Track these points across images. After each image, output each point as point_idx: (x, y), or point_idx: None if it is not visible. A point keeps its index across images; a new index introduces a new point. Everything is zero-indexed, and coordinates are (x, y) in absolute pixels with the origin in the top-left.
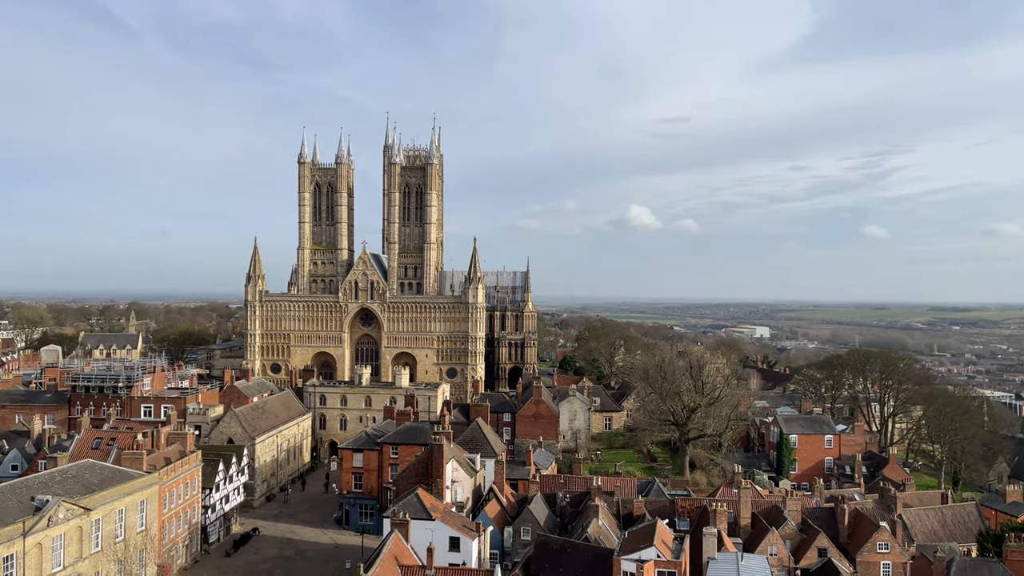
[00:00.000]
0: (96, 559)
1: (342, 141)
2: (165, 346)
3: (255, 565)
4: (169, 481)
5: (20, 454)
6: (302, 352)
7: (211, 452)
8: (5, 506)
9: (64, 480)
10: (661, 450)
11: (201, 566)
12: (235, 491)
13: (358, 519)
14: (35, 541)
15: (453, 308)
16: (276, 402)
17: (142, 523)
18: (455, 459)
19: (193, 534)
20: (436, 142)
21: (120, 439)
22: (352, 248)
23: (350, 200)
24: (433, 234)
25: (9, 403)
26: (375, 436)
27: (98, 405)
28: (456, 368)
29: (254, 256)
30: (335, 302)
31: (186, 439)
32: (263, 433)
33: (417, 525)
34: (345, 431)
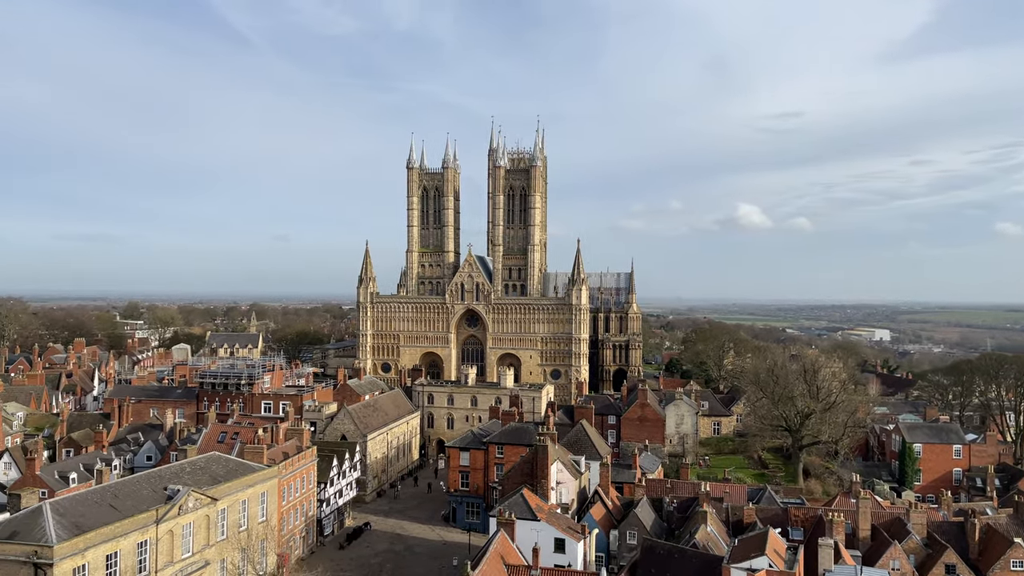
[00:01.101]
0: (221, 546)
1: (448, 146)
2: (283, 345)
3: (367, 558)
4: (287, 475)
5: (154, 446)
6: (411, 352)
7: (326, 448)
8: (140, 494)
9: (193, 471)
10: (773, 456)
11: (317, 557)
12: (348, 486)
13: (465, 517)
14: (167, 528)
15: (557, 309)
16: (386, 400)
17: (263, 514)
18: (560, 460)
19: (309, 526)
20: (540, 144)
21: (243, 433)
22: (458, 251)
23: (456, 204)
24: (537, 236)
25: (145, 398)
26: (481, 435)
27: (223, 401)
28: (560, 369)
29: (366, 259)
30: (442, 303)
31: (303, 435)
32: (374, 430)
33: (523, 525)
34: (452, 430)
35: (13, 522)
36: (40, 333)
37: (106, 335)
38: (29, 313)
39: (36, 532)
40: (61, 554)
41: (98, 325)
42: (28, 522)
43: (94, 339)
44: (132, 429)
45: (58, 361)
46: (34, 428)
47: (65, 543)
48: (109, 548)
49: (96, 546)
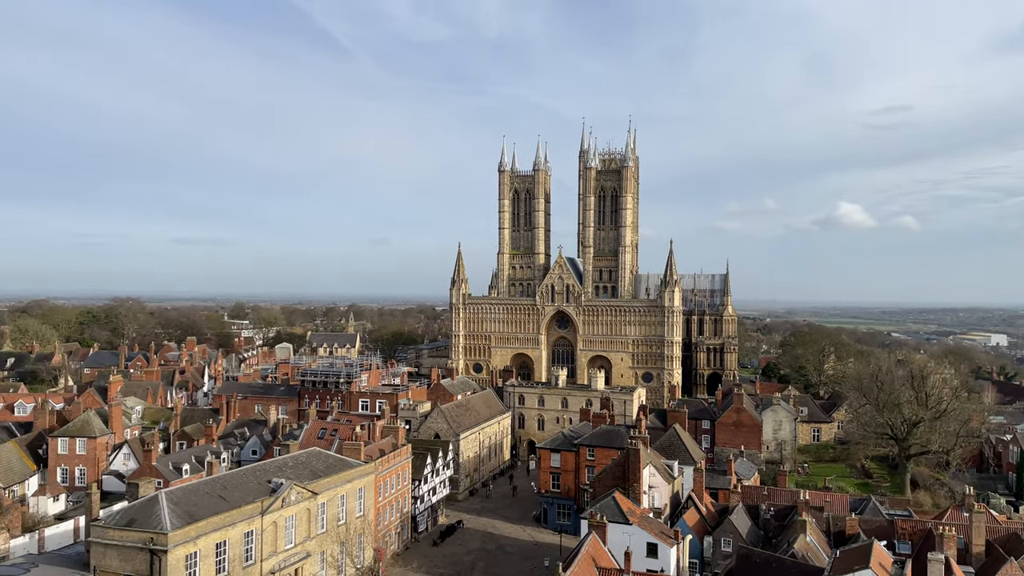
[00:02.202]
0: (321, 539)
1: (539, 148)
2: (379, 345)
3: (460, 556)
4: (384, 471)
5: (259, 440)
6: (502, 353)
7: (420, 446)
8: (247, 486)
9: (295, 466)
10: (877, 466)
11: (411, 553)
12: (441, 484)
13: (556, 518)
14: (271, 520)
15: (649, 312)
16: (478, 400)
17: (360, 509)
18: (652, 464)
19: (404, 523)
20: (631, 144)
21: (341, 430)
22: (548, 252)
23: (547, 206)
24: (628, 237)
25: (250, 395)
26: (572, 437)
27: (323, 398)
28: (652, 372)
29: (458, 261)
30: (532, 305)
31: (398, 432)
32: (466, 430)
33: (614, 528)
34: (543, 431)
35: (131, 510)
36: (156, 332)
37: (215, 334)
38: (146, 313)
39: (152, 520)
40: (175, 541)
41: (208, 325)
42: (145, 510)
43: (204, 338)
44: (239, 424)
45: (172, 358)
46: (151, 421)
47: (178, 531)
48: (219, 537)
49: (207, 534)
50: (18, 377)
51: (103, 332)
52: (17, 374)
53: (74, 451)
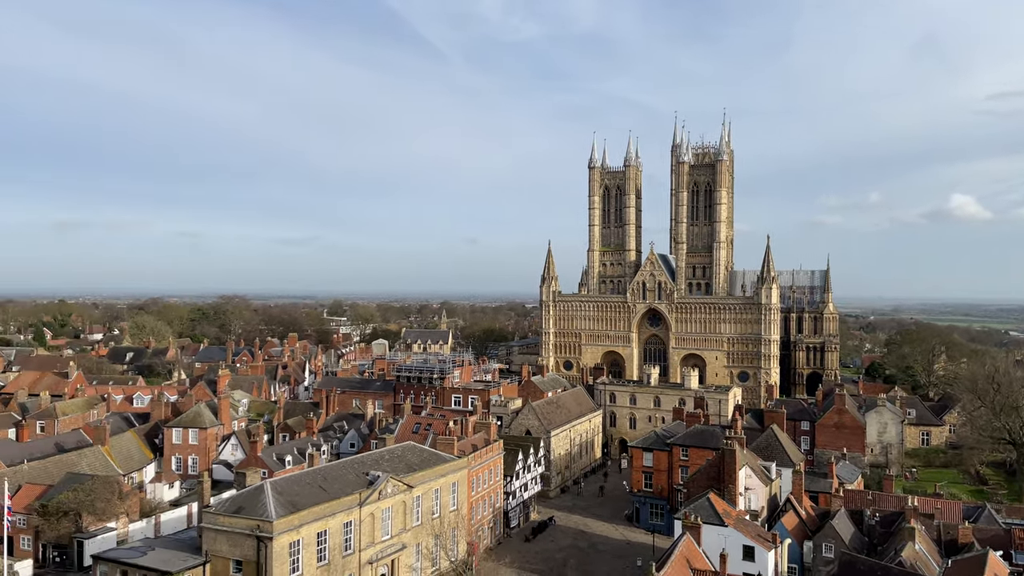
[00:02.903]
0: (417, 532)
1: (630, 144)
2: (471, 342)
3: (551, 553)
4: (476, 466)
5: (357, 434)
6: (592, 350)
7: (511, 442)
8: (346, 478)
9: (391, 459)
10: (993, 472)
11: (504, 548)
12: (533, 481)
13: (648, 518)
14: (369, 511)
15: (744, 309)
16: (569, 398)
17: (454, 503)
18: (748, 465)
19: (496, 518)
20: (726, 138)
21: (435, 425)
22: (639, 249)
23: (638, 202)
24: (722, 233)
25: (348, 389)
26: (665, 436)
27: (417, 393)
28: (748, 371)
29: (548, 259)
30: (623, 302)
31: (490, 428)
32: (557, 427)
33: (709, 530)
34: (634, 430)
35: (239, 498)
36: (260, 328)
37: (315, 330)
38: (251, 310)
39: (258, 508)
40: (279, 529)
41: (308, 321)
42: (252, 498)
43: (305, 334)
44: (338, 418)
45: (275, 354)
46: (256, 414)
47: (283, 519)
48: (320, 526)
49: (309, 524)
50: (136, 370)
51: (212, 328)
52: (136, 368)
53: (187, 441)
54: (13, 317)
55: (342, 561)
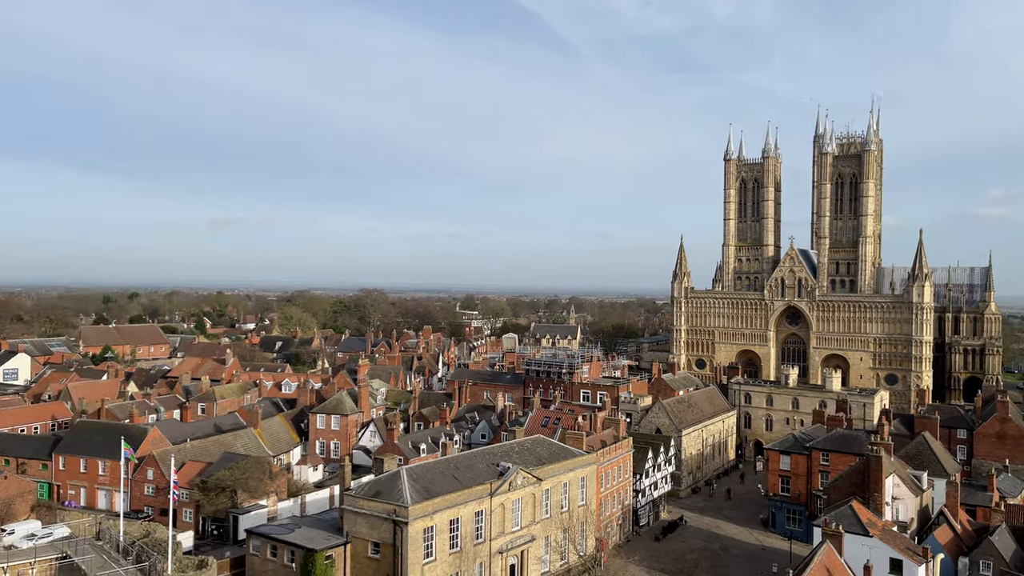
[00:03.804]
0: (546, 524)
1: (769, 135)
2: (600, 338)
3: (682, 553)
4: (605, 462)
5: (487, 425)
6: (726, 349)
7: (641, 440)
8: (477, 468)
9: (521, 451)
10: None
11: (632, 546)
12: (663, 480)
13: (785, 523)
14: (499, 501)
15: (893, 308)
16: (701, 397)
17: (583, 498)
18: (896, 474)
19: (625, 515)
20: (874, 127)
21: (564, 419)
22: (778, 244)
23: (776, 195)
24: (869, 227)
25: (480, 381)
26: (803, 440)
27: (546, 387)
28: (896, 374)
29: (680, 254)
30: (760, 299)
31: (619, 425)
32: (689, 426)
33: (852, 539)
34: (771, 431)
35: (377, 483)
36: (397, 321)
37: (448, 323)
38: (388, 303)
39: (395, 493)
40: (415, 514)
41: (442, 315)
42: (389, 484)
43: (438, 327)
44: (469, 409)
45: (411, 345)
46: (392, 403)
47: (418, 505)
48: (453, 514)
49: (442, 511)
50: (284, 359)
51: (352, 320)
52: (284, 356)
53: (329, 426)
54: (178, 307)
55: (473, 549)
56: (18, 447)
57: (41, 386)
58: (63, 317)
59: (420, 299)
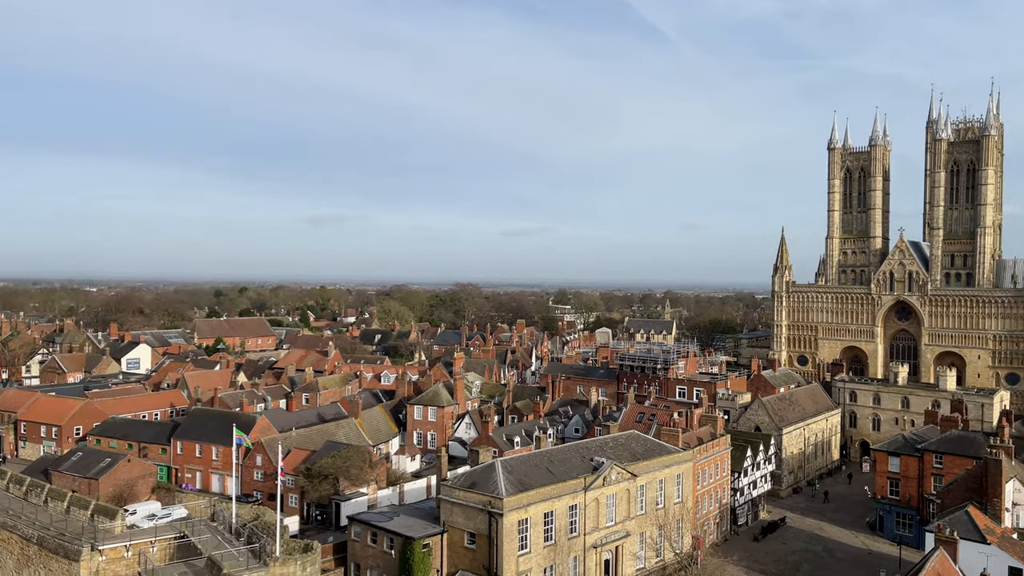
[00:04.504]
0: (640, 520)
1: (877, 121)
2: (696, 333)
3: (782, 555)
4: (702, 460)
5: (581, 420)
6: (830, 345)
7: (739, 437)
8: (571, 462)
9: (615, 447)
10: None
11: (730, 545)
12: (762, 479)
13: (894, 527)
14: (593, 496)
15: (1016, 303)
16: (803, 394)
17: (678, 495)
18: (1017, 478)
19: (723, 514)
20: (994, 110)
21: (659, 415)
22: (886, 236)
23: (884, 184)
24: (988, 217)
25: (573, 375)
26: (914, 441)
27: (640, 383)
28: (1018, 373)
29: (781, 247)
30: (866, 294)
31: (716, 422)
32: (790, 424)
33: (967, 546)
34: (878, 432)
35: (473, 474)
36: (491, 314)
37: (541, 318)
38: (482, 297)
39: (490, 485)
40: (509, 506)
41: (535, 309)
42: (484, 475)
43: (532, 321)
44: (563, 403)
45: (504, 339)
46: (487, 395)
47: (512, 497)
48: (547, 507)
49: (536, 504)
50: (383, 351)
51: (448, 313)
52: (382, 348)
53: (426, 417)
54: (283, 301)
55: (567, 543)
56: (140, 432)
57: (160, 375)
58: (179, 310)
59: (513, 293)
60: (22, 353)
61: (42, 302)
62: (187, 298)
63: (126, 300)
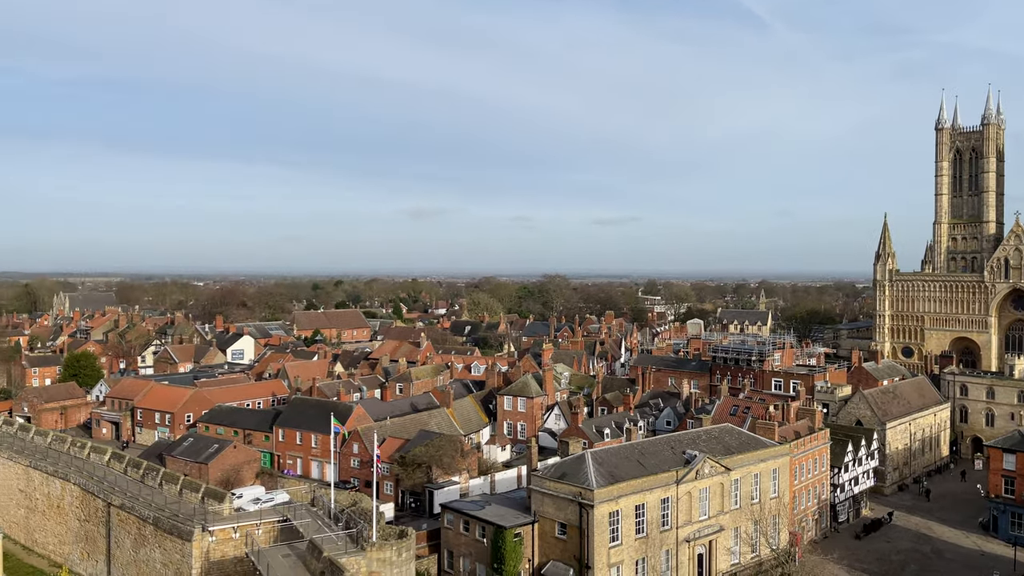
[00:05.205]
0: (735, 515)
1: (990, 99)
2: (792, 324)
3: (886, 554)
4: (799, 454)
5: (672, 412)
6: (938, 336)
7: (839, 432)
8: (662, 455)
9: (708, 440)
10: None
11: (830, 543)
12: (864, 475)
13: (1009, 528)
14: (685, 489)
15: None
16: (908, 388)
17: (775, 490)
18: None
19: (822, 510)
20: None
21: (754, 408)
22: (1000, 220)
23: (999, 165)
24: None
25: (664, 367)
26: None
27: (734, 375)
28: None
29: (883, 233)
30: (978, 282)
31: (814, 416)
32: (894, 419)
33: None
34: (991, 427)
35: (563, 465)
36: (579, 306)
37: (630, 309)
38: (570, 289)
39: (580, 476)
40: (600, 498)
41: (623, 300)
42: (574, 466)
43: (621, 312)
44: (653, 395)
45: (593, 330)
46: (576, 387)
47: (603, 489)
48: (638, 499)
49: (627, 496)
50: (473, 342)
51: (536, 305)
52: (472, 339)
53: (516, 408)
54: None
55: (659, 536)
56: (245, 419)
57: (262, 365)
58: (279, 303)
59: (601, 284)
60: (138, 344)
61: (155, 296)
62: (287, 291)
63: (230, 294)
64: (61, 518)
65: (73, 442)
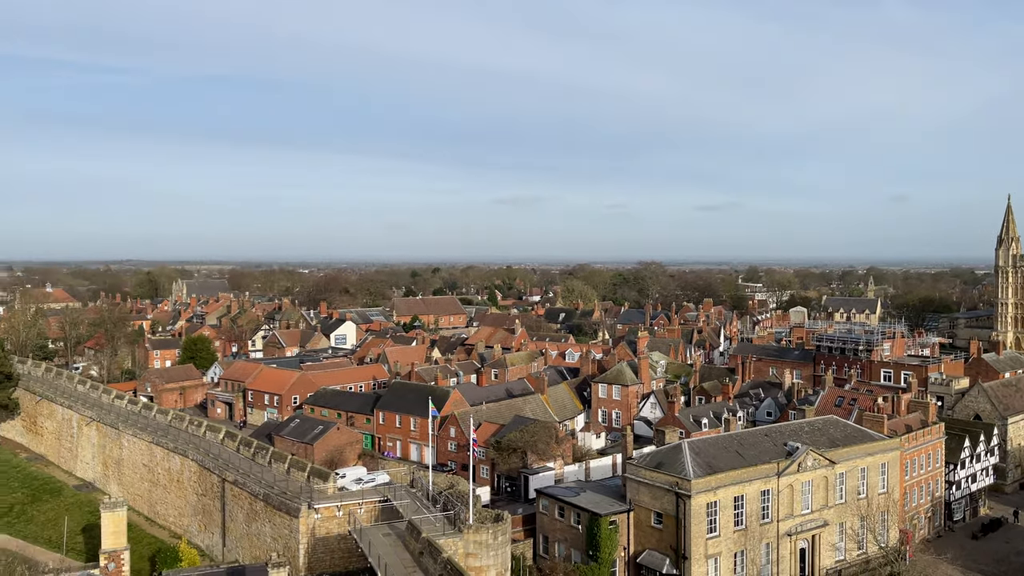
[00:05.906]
0: (840, 510)
1: None
2: (904, 312)
3: (1007, 556)
4: (911, 449)
5: (773, 403)
6: None
7: (955, 426)
8: (762, 446)
9: (811, 432)
10: None
11: (944, 542)
12: (982, 472)
13: None
14: (787, 482)
15: None
16: None
17: (883, 485)
18: None
19: (936, 508)
20: None
21: (860, 400)
22: None
23: None
24: None
25: (764, 357)
26: None
27: (839, 365)
28: None
29: (1007, 216)
30: None
31: (928, 409)
32: (1017, 413)
33: None
34: None
35: (659, 454)
36: (676, 293)
37: (729, 296)
38: (667, 276)
39: (677, 466)
40: (698, 488)
41: (722, 287)
42: (670, 456)
43: (719, 300)
44: (753, 385)
45: (690, 318)
46: (672, 375)
47: (700, 479)
48: (736, 491)
49: (726, 487)
50: (568, 329)
51: (631, 292)
52: (566, 327)
53: (611, 396)
54: (472, 280)
55: (759, 529)
56: (348, 402)
57: (364, 350)
58: (379, 290)
59: (699, 272)
60: (248, 329)
61: (263, 283)
62: (386, 278)
63: (333, 281)
64: (180, 492)
65: (191, 421)
